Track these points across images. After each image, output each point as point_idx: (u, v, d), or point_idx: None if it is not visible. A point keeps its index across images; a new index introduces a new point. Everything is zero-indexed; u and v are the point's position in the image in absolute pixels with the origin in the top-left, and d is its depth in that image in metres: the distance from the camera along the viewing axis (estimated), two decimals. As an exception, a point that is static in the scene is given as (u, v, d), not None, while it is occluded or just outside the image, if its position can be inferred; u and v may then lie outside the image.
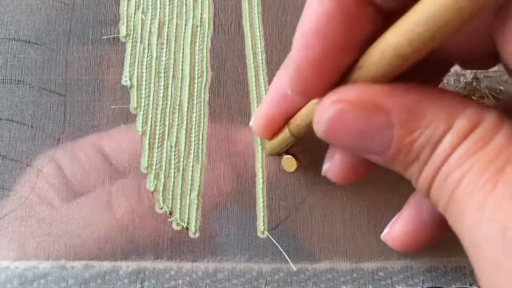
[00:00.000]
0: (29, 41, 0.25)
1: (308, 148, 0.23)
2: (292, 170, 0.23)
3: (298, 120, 0.20)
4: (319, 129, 0.17)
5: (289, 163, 0.23)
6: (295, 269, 0.22)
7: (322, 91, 0.17)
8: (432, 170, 0.15)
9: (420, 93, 0.15)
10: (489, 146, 0.14)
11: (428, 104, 0.15)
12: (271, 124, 0.22)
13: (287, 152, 0.23)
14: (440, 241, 0.23)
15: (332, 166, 0.21)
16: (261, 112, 0.22)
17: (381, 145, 0.16)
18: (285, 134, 0.21)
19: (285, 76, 0.21)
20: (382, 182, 0.23)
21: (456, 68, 0.26)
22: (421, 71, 0.16)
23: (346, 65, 0.16)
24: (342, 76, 0.16)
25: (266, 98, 0.22)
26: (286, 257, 0.22)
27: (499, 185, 0.14)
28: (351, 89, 0.16)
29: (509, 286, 0.13)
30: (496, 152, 0.14)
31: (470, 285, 0.22)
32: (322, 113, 0.16)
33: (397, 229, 0.21)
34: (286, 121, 0.21)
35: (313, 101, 0.19)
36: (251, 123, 0.24)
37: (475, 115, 0.15)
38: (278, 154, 0.23)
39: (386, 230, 0.22)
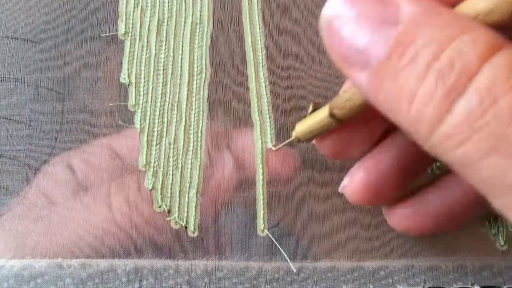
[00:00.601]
0: (27, 39, 0.25)
1: (308, 146, 0.23)
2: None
3: (341, 100, 0.18)
4: (322, 21, 0.15)
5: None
6: (295, 270, 0.22)
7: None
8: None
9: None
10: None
11: (446, 10, 0.14)
12: None
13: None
14: (441, 240, 0.23)
15: (353, 184, 0.20)
16: None
17: (379, 45, 0.14)
18: (322, 115, 0.19)
19: None
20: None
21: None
22: None
23: None
24: None
25: None
26: (286, 256, 0.22)
27: None
28: None
29: None
30: None
31: (472, 284, 0.22)
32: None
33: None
34: None
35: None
36: None
37: (495, 38, 0.13)
38: (308, 139, 0.21)
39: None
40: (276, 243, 0.23)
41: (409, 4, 0.14)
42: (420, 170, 0.21)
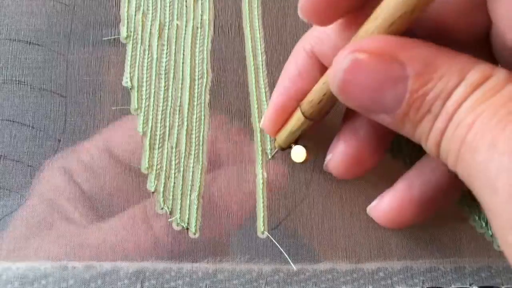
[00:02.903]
0: (30, 42, 0.25)
1: (309, 146, 0.23)
2: (302, 160, 0.23)
3: (311, 96, 0.20)
4: (335, 81, 0.17)
5: (298, 153, 0.23)
6: (295, 269, 0.22)
7: (331, 15, 0.17)
8: (444, 120, 0.16)
9: (434, 48, 0.16)
10: (501, 93, 0.15)
11: (442, 58, 0.16)
12: (283, 110, 0.22)
13: (296, 143, 0.23)
14: (440, 242, 0.23)
15: (334, 158, 0.22)
16: (271, 102, 0.22)
17: (394, 99, 0.16)
18: (296, 117, 0.21)
19: (291, 64, 0.22)
20: (383, 182, 0.23)
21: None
22: None
23: None
24: (356, 25, 0.17)
25: (276, 89, 0.22)
26: (287, 257, 0.22)
27: (510, 124, 0.14)
28: (369, 40, 0.16)
29: None
30: (507, 98, 0.14)
31: (470, 285, 0.22)
32: (340, 63, 0.17)
33: (384, 203, 0.22)
34: (298, 103, 0.21)
35: (324, 77, 0.19)
36: (261, 124, 0.24)
37: (487, 69, 0.15)
38: (289, 143, 0.23)
39: (374, 203, 0.23)
40: (277, 244, 0.23)
41: (412, 60, 0.16)
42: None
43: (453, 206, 0.24)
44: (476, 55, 0.16)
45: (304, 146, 0.23)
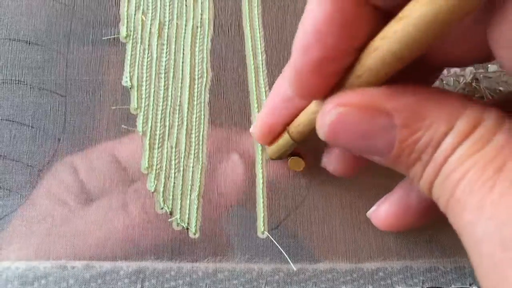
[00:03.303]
0: (29, 42, 0.25)
1: (308, 148, 0.23)
2: (301, 169, 0.24)
3: (298, 125, 0.20)
4: (321, 131, 0.17)
5: (296, 163, 0.24)
6: (295, 269, 0.22)
7: (322, 92, 0.17)
8: (433, 170, 0.16)
9: (420, 94, 0.16)
10: (489, 146, 0.14)
11: (429, 105, 0.15)
12: (271, 130, 0.22)
13: (291, 155, 0.23)
14: (439, 242, 0.23)
15: (331, 158, 0.22)
16: (261, 118, 0.22)
17: (384, 146, 0.16)
18: (285, 138, 0.21)
19: (285, 81, 0.21)
20: (382, 182, 0.23)
21: (455, 69, 0.26)
22: (413, 75, 0.17)
23: (346, 66, 0.16)
24: (341, 80, 0.17)
25: (266, 104, 0.22)
26: (287, 257, 0.22)
27: (498, 184, 0.14)
28: (352, 94, 0.16)
29: (508, 280, 0.13)
30: (495, 152, 0.14)
31: (470, 285, 0.22)
32: (324, 117, 0.17)
33: (384, 209, 0.22)
34: (285, 126, 0.21)
35: (312, 105, 0.19)
36: (251, 129, 0.24)
37: (476, 116, 0.15)
38: (279, 158, 0.23)
39: (373, 208, 0.23)
40: (277, 244, 0.23)
41: (397, 110, 0.16)
42: None
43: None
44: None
45: (299, 155, 0.23)
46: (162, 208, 0.23)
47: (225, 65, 0.26)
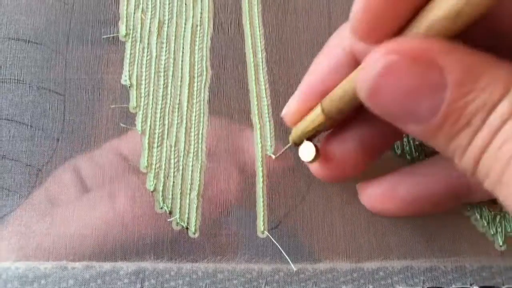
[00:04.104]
0: (28, 41, 0.25)
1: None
2: (310, 159, 0.21)
3: (333, 96, 0.19)
4: (364, 86, 0.15)
5: (307, 150, 0.21)
6: (295, 269, 0.22)
7: (389, 30, 0.15)
8: (486, 136, 0.14)
9: (478, 55, 0.14)
10: None
11: (486, 66, 0.14)
12: (307, 102, 0.20)
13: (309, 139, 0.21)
14: (440, 241, 0.23)
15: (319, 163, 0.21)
16: (298, 90, 0.21)
17: (428, 109, 0.14)
18: (315, 112, 0.20)
19: (324, 57, 0.20)
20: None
21: None
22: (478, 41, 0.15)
23: (408, 10, 0.15)
24: (402, 27, 0.15)
25: (305, 78, 0.21)
26: (286, 257, 0.22)
27: None
28: (405, 41, 0.15)
29: None
30: None
31: (471, 285, 0.22)
32: (372, 65, 0.15)
33: (369, 192, 0.22)
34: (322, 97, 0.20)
35: (352, 75, 0.18)
36: (284, 111, 0.22)
37: None
38: (301, 140, 0.21)
39: (363, 183, 0.23)
40: (277, 244, 0.23)
41: (452, 67, 0.14)
42: (384, 147, 0.22)
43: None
44: None
45: (315, 146, 0.21)
46: (161, 208, 0.23)
47: (225, 63, 0.25)
